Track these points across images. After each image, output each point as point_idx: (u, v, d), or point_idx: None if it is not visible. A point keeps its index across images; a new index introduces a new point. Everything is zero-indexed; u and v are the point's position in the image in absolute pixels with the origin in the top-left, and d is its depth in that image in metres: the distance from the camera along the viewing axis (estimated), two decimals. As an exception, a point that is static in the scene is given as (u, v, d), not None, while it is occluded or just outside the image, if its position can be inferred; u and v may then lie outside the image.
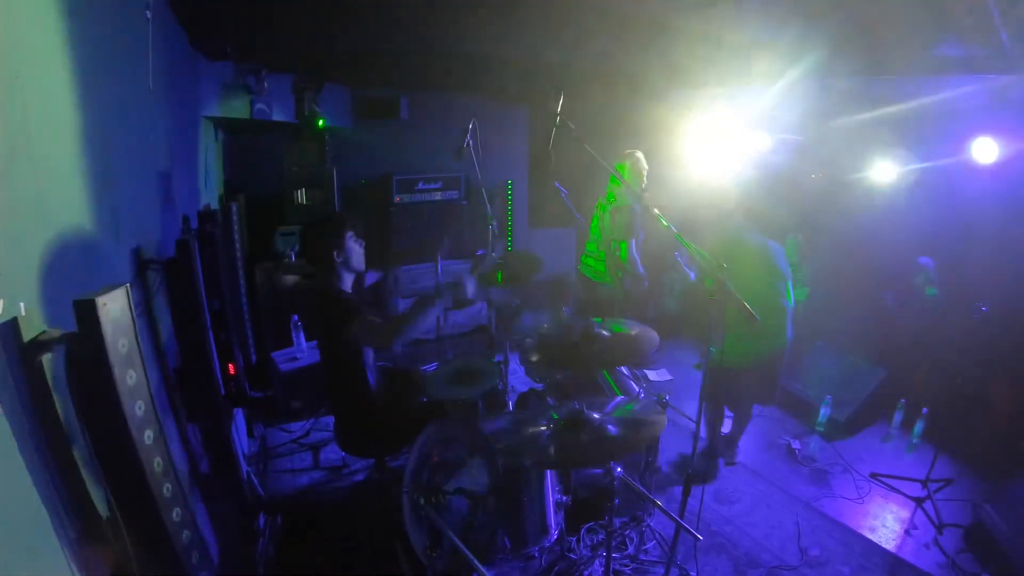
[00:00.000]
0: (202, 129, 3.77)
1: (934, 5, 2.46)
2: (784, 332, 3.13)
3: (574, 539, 2.61)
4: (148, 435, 1.25)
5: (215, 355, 2.31)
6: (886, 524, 2.89)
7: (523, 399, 2.88)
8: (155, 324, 2.03)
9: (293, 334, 3.76)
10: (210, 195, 3.94)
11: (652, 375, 4.52)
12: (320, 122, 4.38)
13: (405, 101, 4.99)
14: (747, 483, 3.22)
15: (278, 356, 3.78)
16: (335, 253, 2.45)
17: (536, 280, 3.50)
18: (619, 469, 2.06)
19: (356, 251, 2.52)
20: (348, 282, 2.54)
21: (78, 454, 1.20)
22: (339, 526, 2.80)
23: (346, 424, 2.60)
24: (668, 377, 4.55)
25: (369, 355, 2.57)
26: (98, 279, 1.48)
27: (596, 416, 2.01)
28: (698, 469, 3.00)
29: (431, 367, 3.02)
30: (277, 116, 4.21)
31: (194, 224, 2.65)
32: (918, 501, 3.01)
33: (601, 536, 2.62)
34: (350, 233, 2.50)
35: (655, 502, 2.05)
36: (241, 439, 3.20)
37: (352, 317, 2.34)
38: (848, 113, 3.74)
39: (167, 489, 1.29)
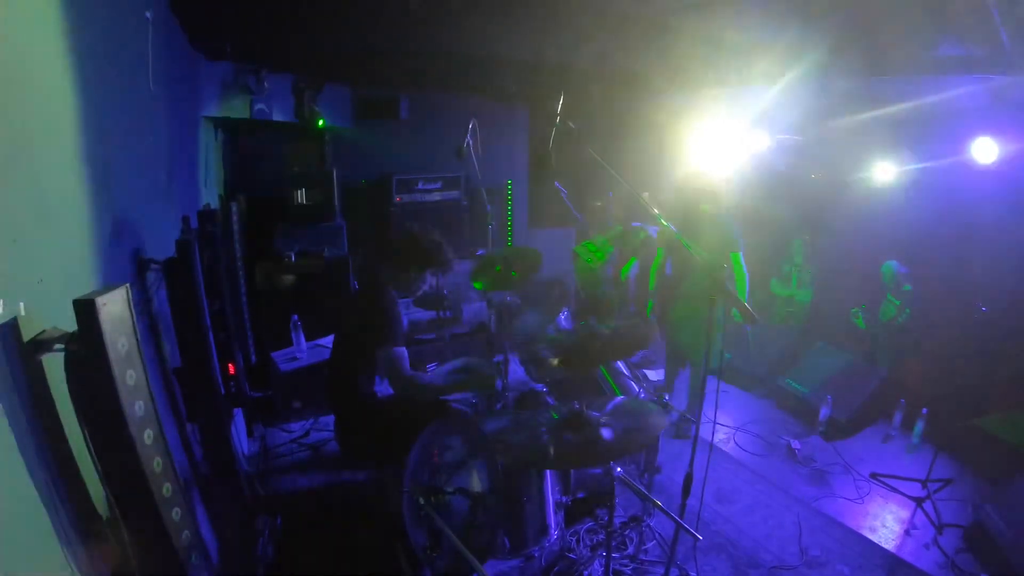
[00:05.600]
0: (202, 129, 3.78)
1: (934, 5, 2.46)
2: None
3: (574, 539, 2.61)
4: (148, 435, 1.25)
5: (215, 355, 2.31)
6: (886, 524, 2.89)
7: (523, 399, 2.88)
8: (155, 324, 2.03)
9: (293, 334, 3.76)
10: (210, 195, 3.94)
11: (652, 375, 4.52)
12: (320, 122, 4.37)
13: (405, 101, 4.99)
14: (747, 483, 3.22)
15: (278, 356, 3.78)
16: (414, 271, 2.48)
17: (536, 280, 3.51)
18: (619, 469, 2.06)
19: (425, 283, 2.55)
20: (395, 295, 2.55)
21: (78, 454, 1.20)
22: (339, 526, 2.79)
23: (346, 424, 2.60)
24: (668, 377, 4.54)
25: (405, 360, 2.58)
26: (98, 279, 1.48)
27: (596, 416, 2.01)
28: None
29: (431, 367, 3.03)
30: (277, 116, 4.21)
31: (194, 224, 2.65)
32: (918, 501, 3.01)
33: (601, 536, 2.61)
34: (434, 270, 2.54)
35: (655, 502, 2.05)
36: (241, 439, 3.20)
37: (388, 340, 2.35)
38: (848, 113, 3.73)
39: (167, 489, 1.29)
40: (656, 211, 2.15)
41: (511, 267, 3.23)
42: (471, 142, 3.42)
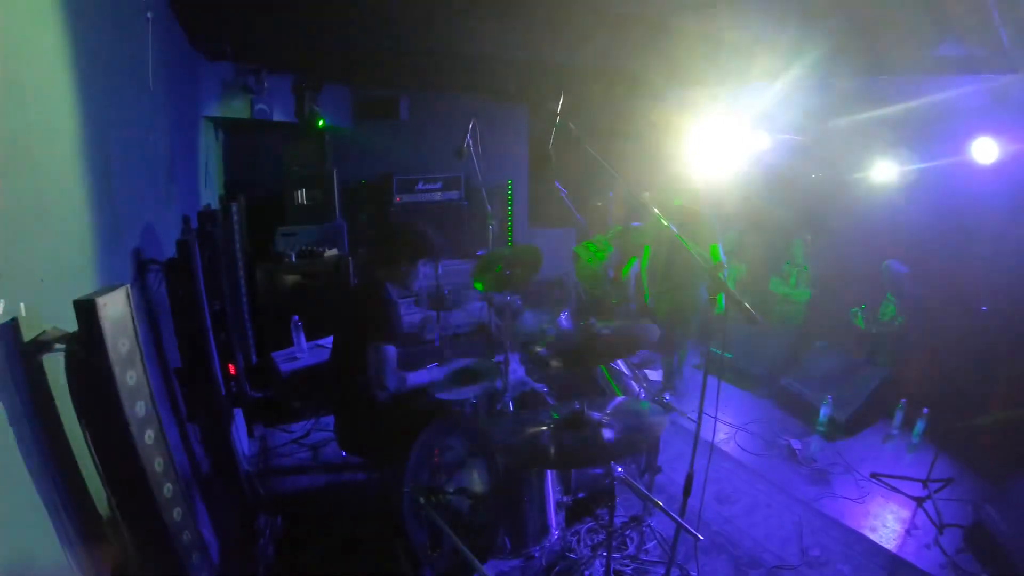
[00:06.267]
0: (202, 129, 3.78)
1: (934, 5, 2.46)
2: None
3: (575, 539, 2.61)
4: (148, 435, 1.25)
5: (215, 355, 2.31)
6: (886, 524, 2.89)
7: (523, 399, 2.88)
8: (155, 324, 2.03)
9: (293, 334, 3.75)
10: (210, 195, 3.94)
11: (652, 375, 4.52)
12: (320, 122, 4.37)
13: (405, 101, 4.99)
14: (748, 483, 3.22)
15: (278, 356, 3.77)
16: (405, 265, 2.51)
17: (536, 280, 3.52)
18: (619, 469, 2.06)
19: (417, 274, 2.57)
20: (394, 293, 2.58)
21: (78, 454, 1.20)
22: (339, 526, 2.79)
23: (346, 424, 2.59)
24: (668, 377, 4.54)
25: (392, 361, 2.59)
26: (98, 279, 1.48)
27: (596, 416, 2.01)
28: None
29: (431, 367, 3.03)
30: (277, 116, 4.21)
31: (194, 224, 2.65)
32: (918, 501, 3.00)
33: (602, 536, 2.61)
34: (426, 259, 2.56)
35: (655, 502, 2.05)
36: (241, 439, 3.20)
37: (380, 336, 2.36)
38: (848, 113, 3.73)
39: (167, 489, 1.29)
40: (656, 211, 2.15)
41: (511, 267, 3.23)
42: (471, 142, 3.42)
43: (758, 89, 3.82)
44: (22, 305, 1.06)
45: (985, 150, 3.07)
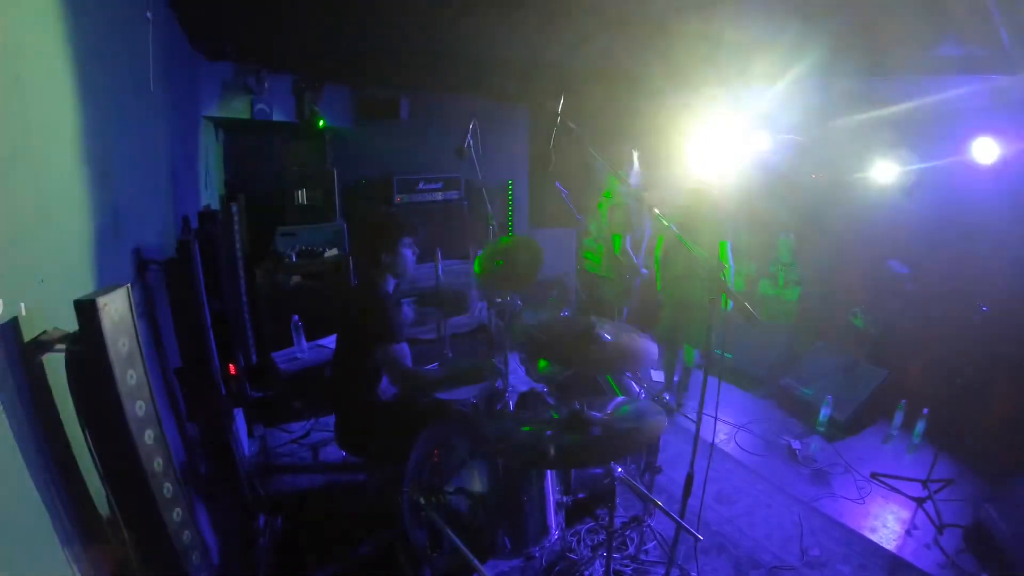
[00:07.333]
0: (202, 129, 3.77)
1: (934, 5, 2.46)
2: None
3: (575, 539, 2.61)
4: (148, 435, 1.25)
5: (215, 355, 2.30)
6: (887, 524, 2.89)
7: (523, 399, 2.88)
8: (155, 324, 2.03)
9: (293, 334, 3.75)
10: (210, 195, 3.94)
11: (653, 375, 4.52)
12: (320, 122, 4.37)
13: (405, 101, 4.98)
14: (747, 483, 3.22)
15: (278, 356, 3.77)
16: (385, 254, 2.48)
17: (536, 280, 3.52)
18: (620, 469, 2.06)
19: (405, 257, 2.54)
20: (391, 285, 2.56)
21: (78, 454, 1.20)
22: (339, 526, 2.79)
23: (347, 424, 2.60)
24: (668, 377, 4.54)
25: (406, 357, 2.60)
26: (98, 279, 1.48)
27: (596, 416, 2.01)
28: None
29: (431, 367, 3.04)
30: (277, 116, 4.20)
31: (194, 224, 2.65)
32: (919, 501, 3.01)
33: (602, 536, 2.61)
34: (407, 239, 2.53)
35: (655, 502, 2.05)
36: (241, 439, 3.19)
37: (386, 337, 2.35)
38: (848, 113, 3.74)
39: (167, 489, 1.29)
40: (656, 211, 2.15)
41: (512, 260, 3.24)
42: (471, 142, 3.42)
43: (758, 89, 3.82)
44: (22, 305, 1.06)
45: (985, 150, 3.08)
